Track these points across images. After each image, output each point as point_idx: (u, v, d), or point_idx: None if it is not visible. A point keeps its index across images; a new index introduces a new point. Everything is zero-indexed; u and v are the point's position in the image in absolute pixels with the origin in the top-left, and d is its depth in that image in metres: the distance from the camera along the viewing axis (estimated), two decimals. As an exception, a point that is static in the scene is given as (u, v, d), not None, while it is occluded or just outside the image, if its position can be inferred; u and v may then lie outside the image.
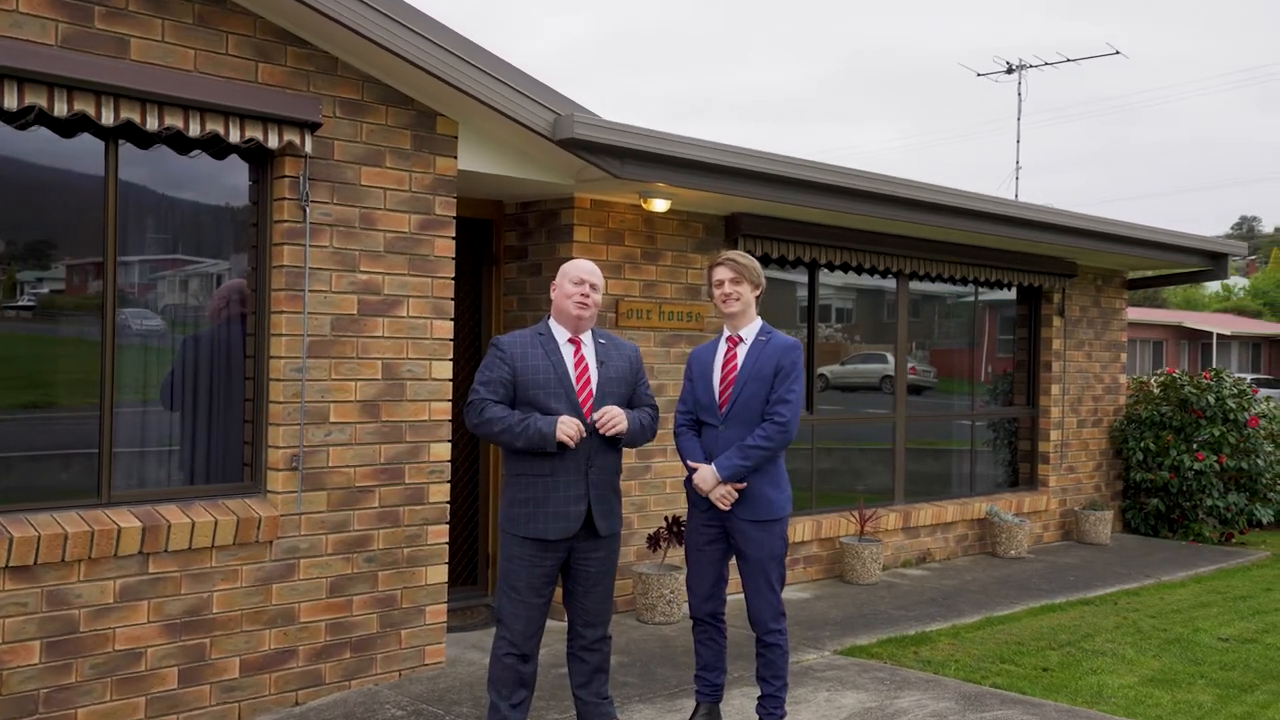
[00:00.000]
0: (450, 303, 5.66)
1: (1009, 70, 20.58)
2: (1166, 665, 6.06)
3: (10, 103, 4.22)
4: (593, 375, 4.38)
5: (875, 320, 9.23)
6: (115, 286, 4.73)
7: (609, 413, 4.28)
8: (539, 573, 4.33)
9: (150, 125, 4.57)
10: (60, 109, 4.35)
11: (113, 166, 4.70)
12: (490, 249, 7.10)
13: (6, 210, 4.57)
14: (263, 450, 5.13)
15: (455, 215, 5.71)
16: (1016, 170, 19.99)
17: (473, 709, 5.04)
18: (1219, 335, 35.88)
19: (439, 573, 5.63)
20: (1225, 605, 7.62)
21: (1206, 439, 10.12)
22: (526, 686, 4.41)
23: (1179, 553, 9.69)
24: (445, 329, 5.64)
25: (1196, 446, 10.14)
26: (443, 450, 5.63)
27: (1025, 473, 10.23)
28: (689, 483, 4.65)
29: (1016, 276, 9.47)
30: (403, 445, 5.48)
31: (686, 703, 5.18)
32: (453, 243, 5.67)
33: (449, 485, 5.69)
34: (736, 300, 4.58)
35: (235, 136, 4.80)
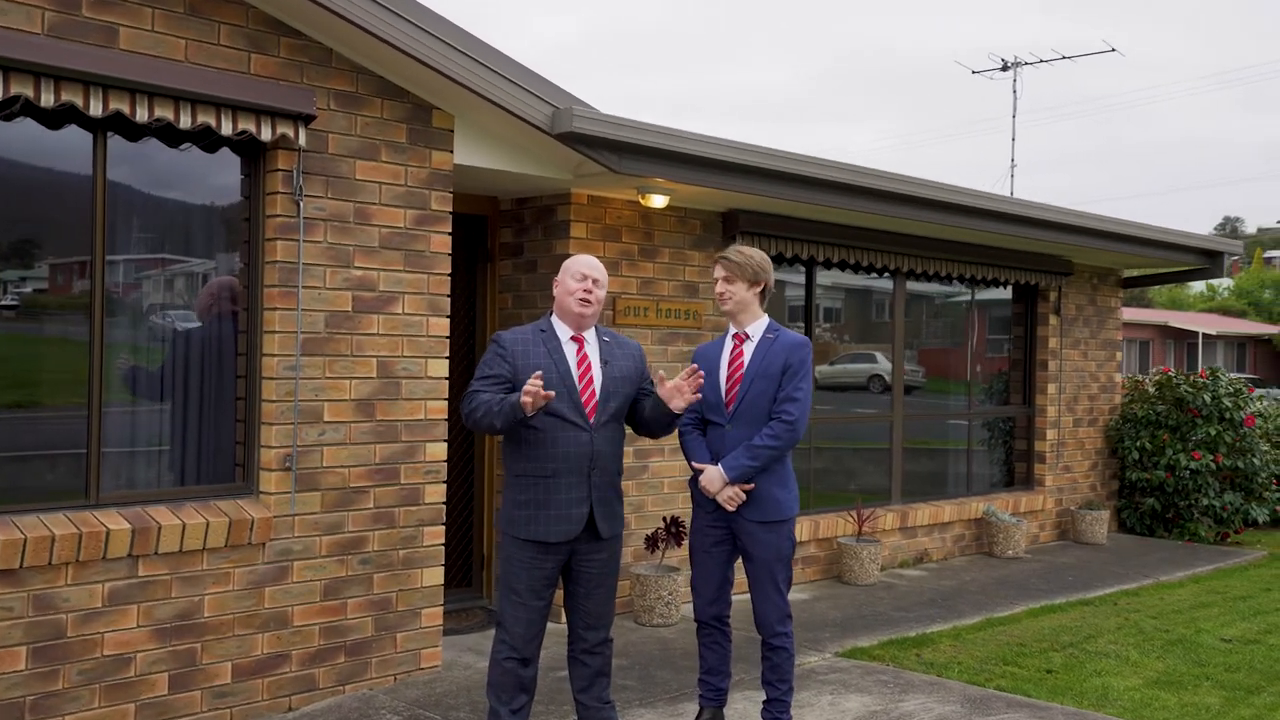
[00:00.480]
0: (447, 300, 5.55)
1: (1004, 68, 20.53)
2: (1171, 667, 6.00)
3: (-4, 92, 4.10)
4: (596, 374, 4.27)
5: (863, 320, 9.15)
6: (104, 283, 4.61)
7: (671, 384, 4.19)
8: (540, 575, 4.23)
9: (140, 116, 4.45)
10: (47, 99, 4.23)
11: (101, 160, 4.58)
12: (485, 246, 6.99)
13: (-8, 203, 4.45)
14: (255, 450, 5.01)
15: (452, 211, 5.60)
16: (1011, 168, 19.96)
17: (471, 714, 4.94)
18: (1204, 335, 35.96)
19: (435, 575, 5.52)
20: (1226, 606, 7.57)
21: (1202, 438, 10.08)
22: (527, 691, 4.31)
23: (1176, 552, 9.65)
24: (441, 326, 5.53)
25: (1192, 446, 10.10)
26: (439, 450, 5.52)
27: (1021, 472, 10.18)
28: (694, 483, 4.56)
29: (1013, 275, 9.40)
30: (398, 445, 5.37)
31: (688, 706, 5.09)
32: (449, 238, 5.56)
33: (445, 486, 5.58)
34: (729, 299, 4.49)
35: (227, 129, 4.68)
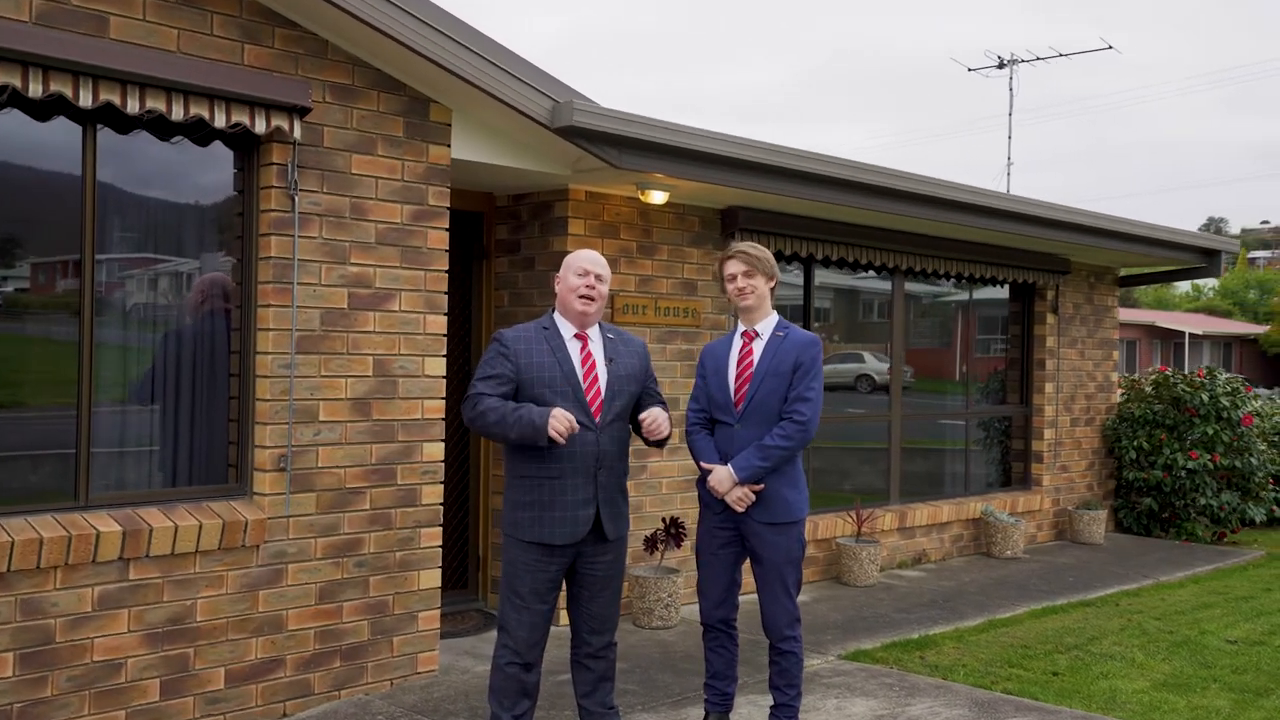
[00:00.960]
0: (444, 297, 5.44)
1: (1001, 65, 20.45)
2: (1177, 669, 5.92)
3: (-18, 82, 3.98)
4: (601, 372, 4.17)
5: (851, 320, 9.06)
6: (93, 280, 4.49)
7: (658, 419, 4.13)
8: (544, 578, 4.13)
9: (131, 108, 4.33)
10: (35, 89, 4.10)
11: (91, 154, 4.46)
12: (481, 243, 6.88)
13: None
14: (249, 450, 4.89)
15: (449, 206, 5.49)
16: (1008, 166, 19.92)
17: (470, 719, 4.84)
18: (1191, 335, 36.06)
19: (432, 577, 5.41)
20: (1228, 606, 7.51)
21: (1200, 437, 10.03)
22: (529, 697, 4.21)
23: (1173, 552, 9.59)
24: (439, 324, 5.42)
25: (1190, 445, 10.04)
26: (436, 450, 5.41)
27: (1018, 472, 10.11)
28: (701, 484, 4.46)
29: (1011, 273, 9.33)
30: (395, 445, 5.25)
31: (691, 711, 4.99)
32: (446, 234, 5.45)
33: (443, 486, 5.47)
34: (751, 294, 4.39)
35: (220, 121, 4.57)
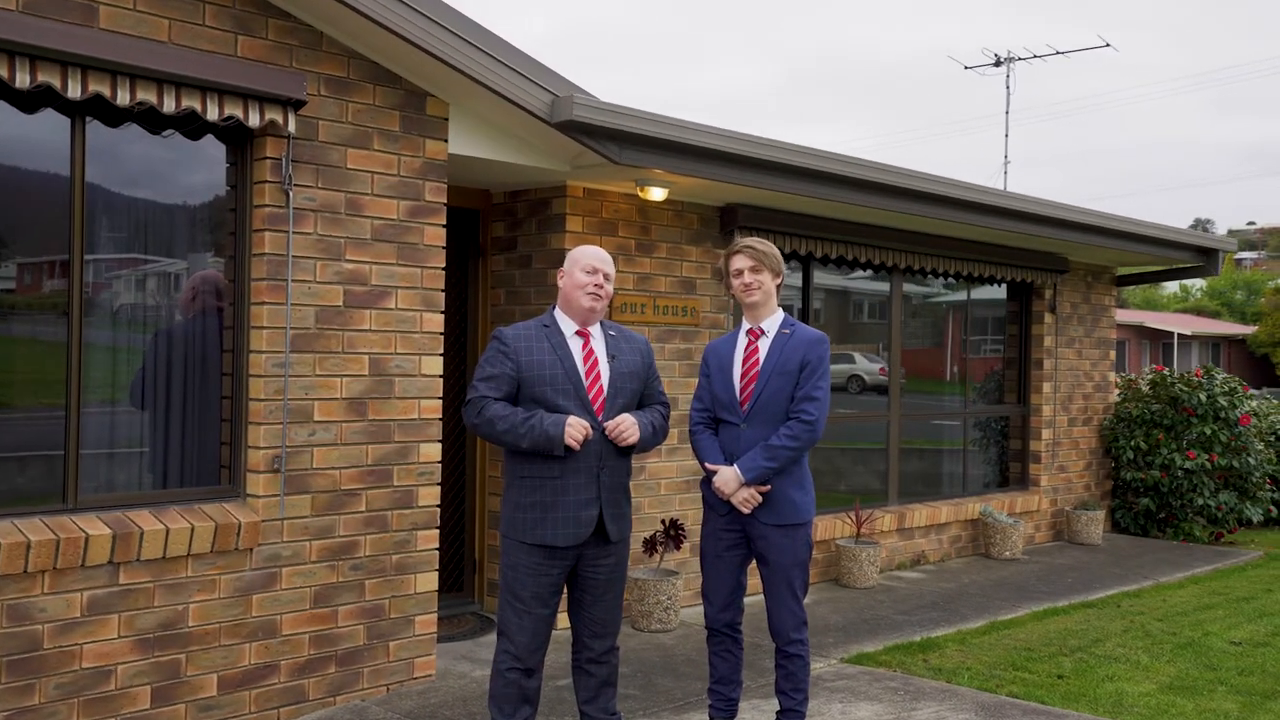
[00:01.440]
0: (441, 294, 5.33)
1: (997, 63, 20.38)
2: (1183, 671, 5.85)
3: (-32, 71, 3.87)
4: (603, 370, 4.07)
5: (841, 320, 8.97)
6: (82, 278, 4.38)
7: (622, 423, 3.99)
8: (546, 581, 4.03)
9: (121, 99, 4.22)
10: (22, 80, 3.99)
11: (80, 148, 4.34)
12: (476, 240, 6.77)
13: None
14: (242, 451, 4.78)
15: (446, 202, 5.38)
16: (1005, 165, 19.85)
17: (468, 726, 4.74)
18: (1180, 335, 36.15)
19: (429, 580, 5.30)
20: (1230, 607, 7.45)
21: (1197, 437, 9.98)
22: (530, 703, 4.11)
23: (1172, 553, 9.54)
24: (436, 322, 5.31)
25: (1187, 445, 9.99)
26: (433, 451, 5.31)
27: (1016, 472, 10.05)
28: (706, 484, 4.37)
29: (1010, 272, 9.27)
30: (391, 445, 5.15)
31: (694, 716, 4.91)
32: (443, 231, 5.35)
33: (440, 488, 5.37)
34: (757, 290, 4.30)
35: (213, 114, 4.46)
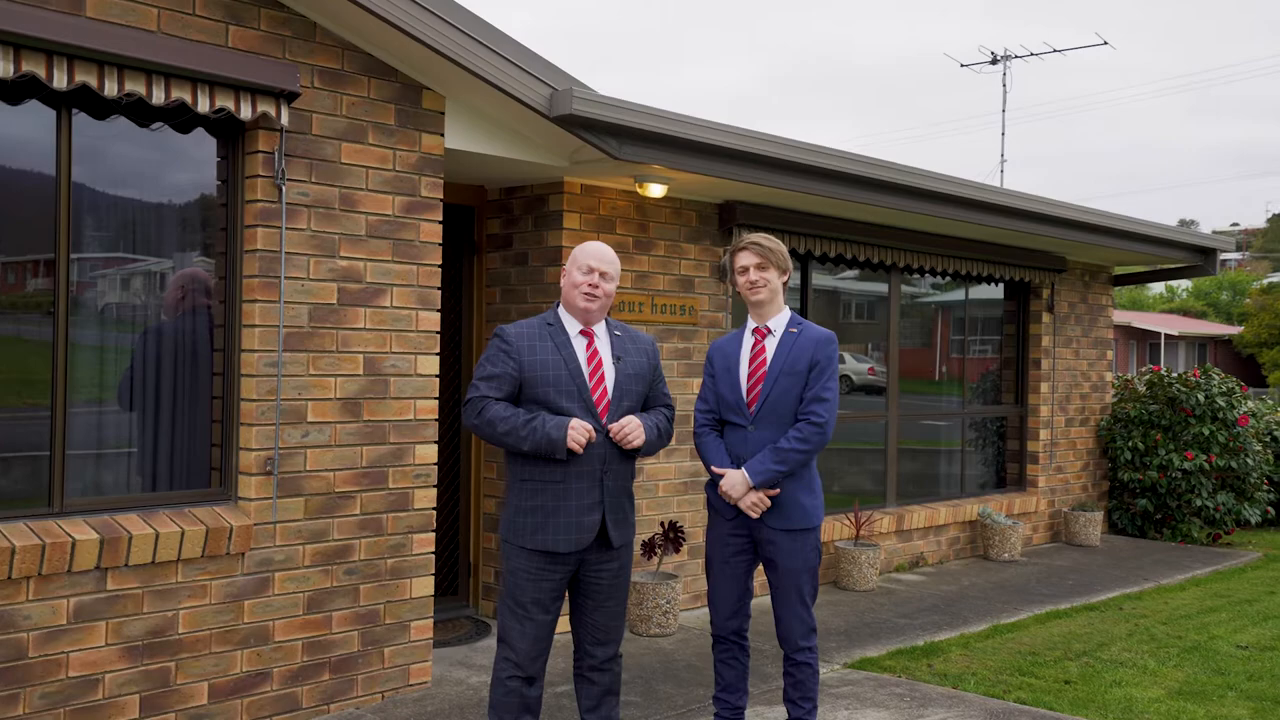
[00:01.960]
0: (437, 292, 5.21)
1: (993, 61, 20.27)
2: (1191, 676, 5.77)
3: (-51, 60, 3.73)
4: (608, 371, 3.95)
5: (830, 320, 8.87)
6: (68, 275, 4.24)
7: (627, 425, 3.88)
8: (547, 587, 3.91)
9: (109, 90, 4.08)
10: (6, 69, 3.85)
11: (65, 140, 4.21)
12: (471, 237, 6.65)
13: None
14: (233, 453, 4.65)
15: (443, 198, 5.26)
16: (1001, 163, 19.74)
17: (466, 735, 4.62)
18: (1166, 335, 36.22)
19: (425, 585, 5.18)
20: (1233, 610, 7.37)
21: (1195, 437, 9.91)
22: (531, 712, 3.99)
23: (1170, 554, 9.47)
24: (432, 321, 5.19)
25: (1185, 445, 9.93)
26: (429, 452, 5.18)
27: (1013, 473, 9.96)
28: (711, 488, 4.25)
29: (1009, 271, 9.19)
30: (386, 447, 5.02)
31: (697, 725, 4.79)
32: (439, 227, 5.22)
33: (436, 490, 5.24)
34: (763, 287, 4.18)
35: (204, 105, 4.32)
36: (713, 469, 4.20)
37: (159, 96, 4.21)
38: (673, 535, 6.39)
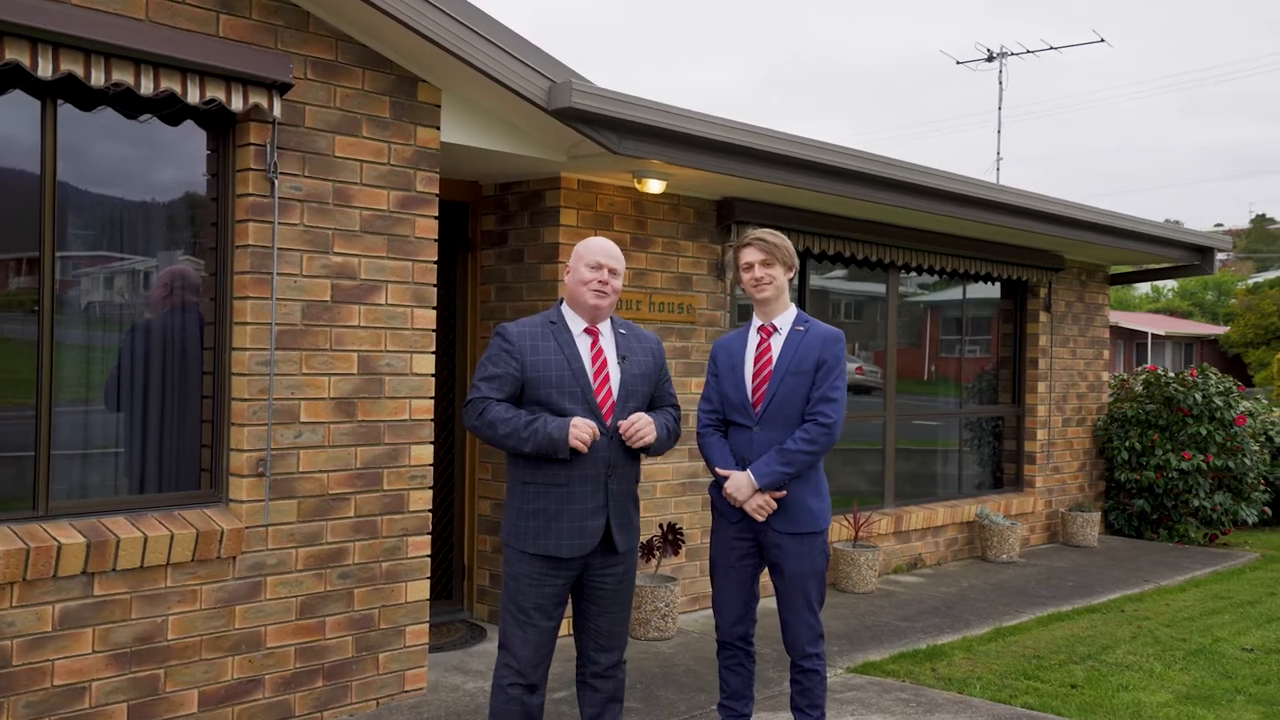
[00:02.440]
0: (433, 290, 5.09)
1: (990, 58, 20.19)
2: (1198, 680, 5.69)
3: (-70, 47, 3.60)
4: (613, 372, 3.84)
5: (822, 320, 8.79)
6: (54, 272, 4.11)
7: (637, 422, 3.76)
8: (549, 593, 3.80)
9: (96, 80, 3.95)
10: (-10, 57, 3.72)
11: (51, 132, 4.08)
12: (465, 234, 6.53)
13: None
14: (224, 454, 4.52)
15: (439, 194, 5.14)
16: (998, 161, 19.69)
17: (464, 744, 4.50)
18: (1153, 335, 36.31)
19: (420, 589, 5.06)
20: (1235, 612, 7.30)
21: (1192, 437, 9.85)
22: (533, 721, 3.88)
23: (1168, 554, 9.41)
24: (427, 318, 5.07)
25: (1182, 445, 9.87)
26: (424, 453, 5.06)
27: (1010, 473, 9.88)
28: (715, 490, 4.13)
29: (1007, 270, 9.11)
30: (381, 448, 4.90)
31: (700, 732, 4.69)
32: (435, 223, 5.10)
33: (431, 492, 5.12)
34: (769, 284, 4.07)
35: (194, 96, 4.20)
36: (717, 471, 4.08)
37: (148, 87, 4.08)
38: (671, 537, 6.28)
